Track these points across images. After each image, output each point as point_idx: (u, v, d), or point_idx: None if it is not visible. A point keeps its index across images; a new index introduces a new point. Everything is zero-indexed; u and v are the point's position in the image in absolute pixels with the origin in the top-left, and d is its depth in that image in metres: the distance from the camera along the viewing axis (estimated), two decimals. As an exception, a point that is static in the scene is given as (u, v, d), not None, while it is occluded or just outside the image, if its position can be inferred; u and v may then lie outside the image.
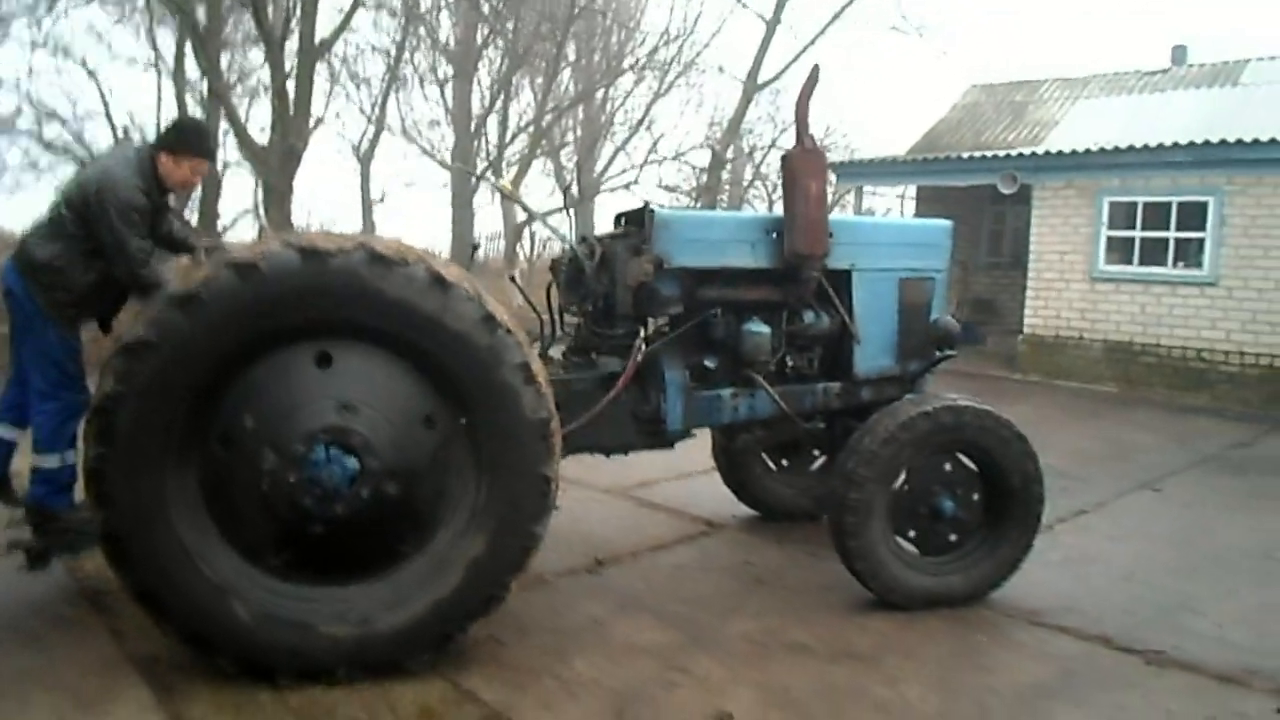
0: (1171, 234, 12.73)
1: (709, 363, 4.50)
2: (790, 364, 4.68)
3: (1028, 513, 4.40)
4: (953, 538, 4.39)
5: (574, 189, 24.86)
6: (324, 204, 38.47)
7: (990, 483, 4.39)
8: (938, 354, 4.83)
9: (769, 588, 4.63)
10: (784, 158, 4.42)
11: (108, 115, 18.32)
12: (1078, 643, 4.08)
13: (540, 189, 33.78)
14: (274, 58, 13.89)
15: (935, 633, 4.10)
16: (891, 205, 19.68)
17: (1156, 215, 12.83)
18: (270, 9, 15.06)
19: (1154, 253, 12.91)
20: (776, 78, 21.68)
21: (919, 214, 18.03)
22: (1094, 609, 4.47)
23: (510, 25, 21.38)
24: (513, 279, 4.76)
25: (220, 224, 18.98)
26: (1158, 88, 17.57)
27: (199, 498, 3.42)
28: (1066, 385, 13.04)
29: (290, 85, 14.20)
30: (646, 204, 4.39)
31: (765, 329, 4.46)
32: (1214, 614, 4.48)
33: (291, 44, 14.54)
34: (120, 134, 19.05)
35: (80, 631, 3.85)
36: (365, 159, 28.20)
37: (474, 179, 24.55)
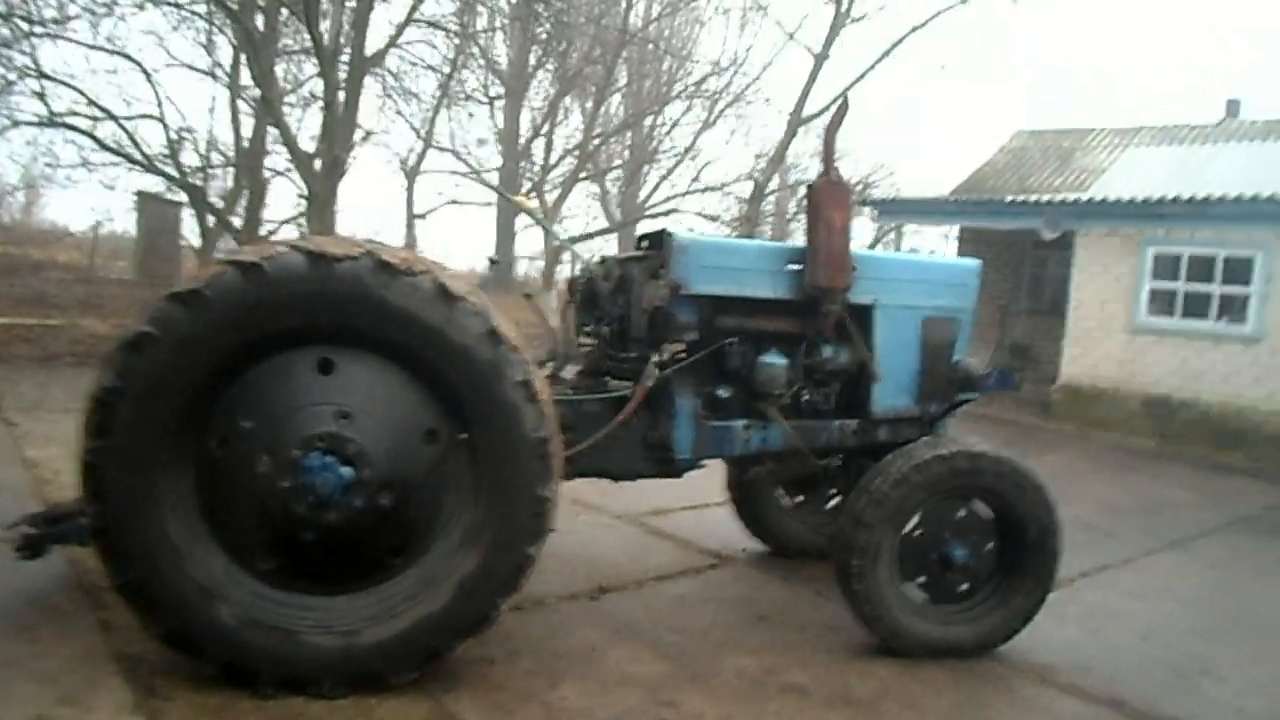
0: (1216, 288, 12.48)
1: (722, 392, 4.41)
2: (806, 398, 4.58)
3: (1043, 565, 4.25)
4: (964, 586, 4.25)
5: (615, 212, 24.93)
6: (371, 217, 38.84)
7: (1006, 532, 4.25)
8: (959, 397, 4.71)
9: (771, 625, 4.51)
10: (809, 188, 4.34)
11: (161, 118, 18.60)
12: (1087, 706, 3.92)
13: (586, 212, 34.03)
14: (325, 69, 14.07)
15: (939, 684, 3.95)
16: (936, 246, 19.52)
17: (1201, 268, 12.59)
18: (327, 21, 15.31)
19: (1197, 306, 12.66)
20: (821, 112, 21.63)
21: (960, 256, 17.87)
22: (1108, 669, 4.31)
23: (562, 49, 21.57)
24: (527, 296, 4.70)
25: (264, 230, 19.22)
26: (1209, 140, 17.30)
27: (192, 497, 3.39)
28: (1101, 437, 12.77)
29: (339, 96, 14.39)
30: (665, 228, 4.34)
31: (782, 361, 4.37)
32: (1234, 681, 4.30)
33: (346, 56, 14.77)
34: (174, 136, 19.34)
35: (71, 624, 3.83)
36: (412, 174, 28.53)
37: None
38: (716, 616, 4.57)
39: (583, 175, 24.45)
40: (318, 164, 15.02)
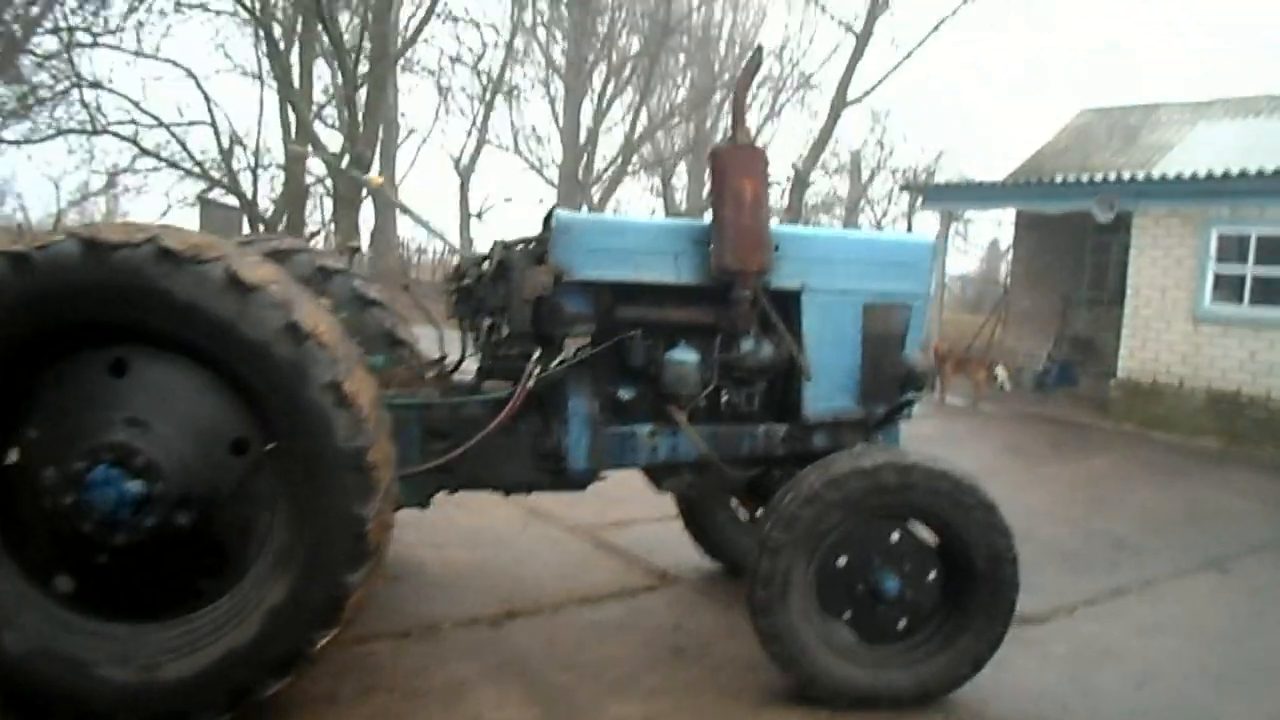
0: (1289, 272, 11.33)
1: (625, 394, 3.84)
2: (726, 400, 3.98)
3: (996, 598, 3.57)
4: (901, 624, 3.61)
5: (680, 207, 24.28)
6: (430, 217, 39.05)
7: (950, 559, 3.60)
8: (905, 397, 4.05)
9: (684, 661, 3.93)
10: (712, 154, 3.74)
11: (212, 123, 18.77)
12: (1038, 770, 3.25)
13: (642, 205, 33.54)
14: (344, 66, 13.88)
15: (855, 740, 3.33)
16: (992, 235, 18.50)
17: (1272, 250, 11.42)
18: (353, 19, 15.15)
19: (1268, 292, 11.49)
20: (865, 95, 20.76)
21: (1017, 243, 16.82)
22: (1081, 723, 3.61)
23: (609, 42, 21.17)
24: (406, 287, 4.21)
25: (306, 232, 19.24)
26: (1291, 112, 15.89)
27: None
28: (1162, 437, 11.71)
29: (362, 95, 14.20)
30: (554, 207, 3.80)
31: (692, 357, 3.77)
32: (1237, 743, 3.56)
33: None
34: (225, 144, 19.55)
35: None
36: (465, 173, 28.48)
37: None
38: (625, 649, 4.00)
39: (631, 169, 23.95)
40: (345, 163, 14.86)
